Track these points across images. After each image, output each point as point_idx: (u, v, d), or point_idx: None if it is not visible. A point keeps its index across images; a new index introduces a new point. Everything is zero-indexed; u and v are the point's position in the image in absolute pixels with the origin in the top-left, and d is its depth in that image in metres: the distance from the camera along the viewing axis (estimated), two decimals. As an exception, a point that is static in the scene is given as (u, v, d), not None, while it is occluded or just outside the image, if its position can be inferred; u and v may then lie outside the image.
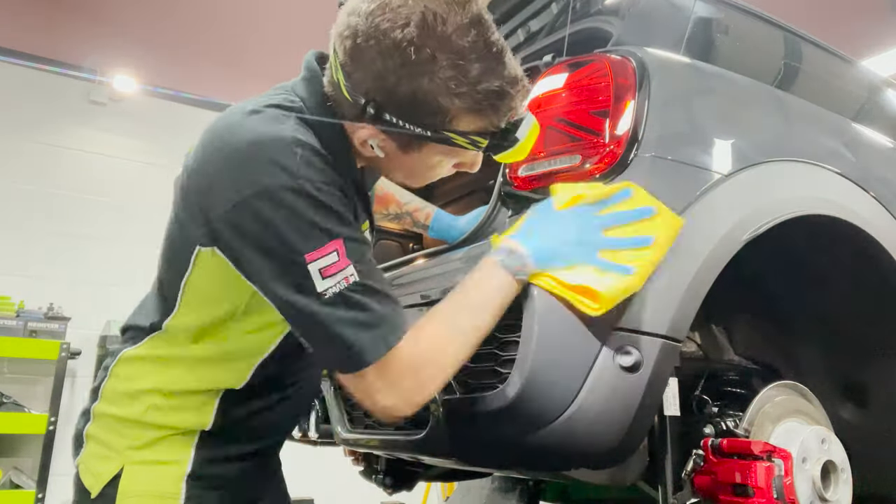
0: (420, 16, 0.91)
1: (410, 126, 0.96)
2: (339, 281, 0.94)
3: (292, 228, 0.94)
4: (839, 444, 1.44)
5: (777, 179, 1.42)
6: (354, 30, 0.94)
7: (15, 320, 3.99)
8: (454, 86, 0.93)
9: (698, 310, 1.20)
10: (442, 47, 0.92)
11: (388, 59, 0.92)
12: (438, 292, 1.32)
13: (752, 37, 1.90)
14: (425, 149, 1.02)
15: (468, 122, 0.98)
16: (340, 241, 0.95)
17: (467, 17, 0.93)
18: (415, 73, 0.92)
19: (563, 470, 1.31)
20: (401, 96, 0.94)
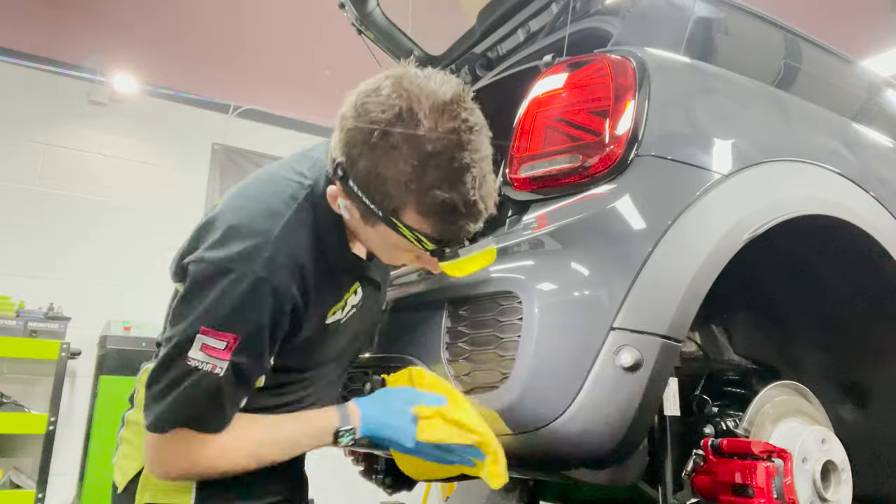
0: (401, 109, 0.99)
1: (365, 199, 1.03)
2: (206, 362, 1.03)
3: (214, 301, 1.03)
4: (839, 444, 1.44)
5: (777, 179, 1.42)
6: (350, 103, 1.03)
7: (15, 320, 3.99)
8: (408, 181, 0.99)
9: (698, 310, 1.20)
10: (409, 143, 0.98)
11: (361, 133, 1.00)
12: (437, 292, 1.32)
13: (752, 37, 1.90)
14: (380, 228, 1.07)
15: (414, 219, 1.03)
16: (237, 340, 1.04)
17: (446, 127, 0.99)
18: (378, 155, 0.99)
19: (563, 470, 1.31)
20: (361, 169, 1.01)
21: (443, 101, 1.00)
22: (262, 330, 1.06)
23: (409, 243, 1.06)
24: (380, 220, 1.04)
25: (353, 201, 1.06)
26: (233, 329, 1.04)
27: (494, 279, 1.21)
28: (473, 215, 1.04)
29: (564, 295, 1.14)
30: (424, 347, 1.29)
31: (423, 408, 1.15)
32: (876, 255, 1.52)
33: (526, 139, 1.36)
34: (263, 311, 1.05)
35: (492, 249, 1.13)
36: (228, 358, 1.04)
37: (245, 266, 1.04)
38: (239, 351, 1.04)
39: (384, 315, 1.46)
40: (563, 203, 1.26)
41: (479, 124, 1.04)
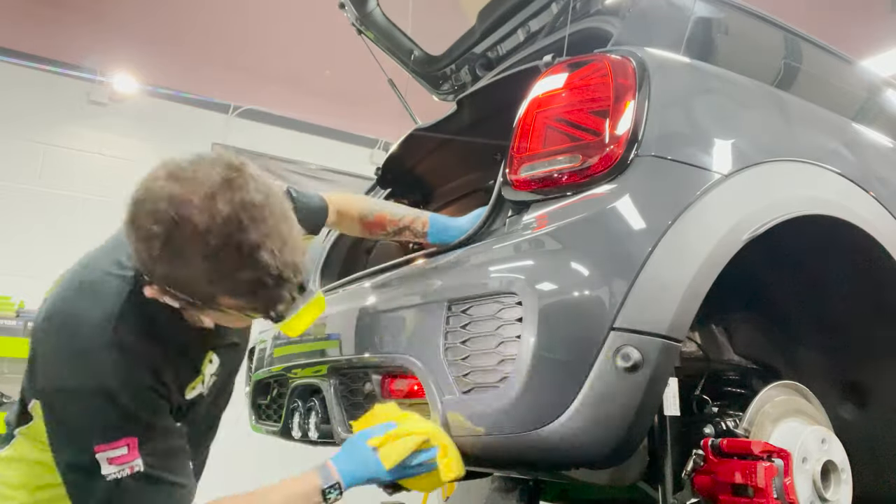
0: (172, 217, 0.95)
1: (180, 296, 1.02)
2: (122, 469, 1.05)
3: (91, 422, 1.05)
4: (839, 444, 1.44)
5: (777, 179, 1.41)
6: (127, 215, 1.00)
7: (15, 320, 3.99)
8: (207, 279, 0.99)
9: (698, 310, 1.20)
10: (192, 246, 0.96)
11: (145, 247, 0.98)
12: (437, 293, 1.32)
13: (752, 37, 1.90)
14: (208, 312, 1.08)
15: (232, 303, 1.04)
16: (134, 439, 1.06)
17: (223, 216, 0.96)
18: (168, 263, 0.99)
19: (563, 470, 1.31)
20: (160, 276, 1.01)
21: (212, 190, 0.97)
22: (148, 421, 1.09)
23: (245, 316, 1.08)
24: (203, 307, 1.05)
25: (170, 298, 1.05)
26: (124, 433, 1.06)
27: (494, 279, 1.21)
28: (283, 283, 1.03)
29: (564, 295, 1.14)
30: (424, 347, 1.28)
31: (374, 439, 1.23)
32: (876, 255, 1.52)
33: (526, 139, 1.36)
34: (137, 408, 1.08)
35: (320, 298, 1.13)
36: (139, 456, 1.06)
37: (94, 381, 1.05)
38: (143, 444, 1.07)
39: (384, 315, 1.46)
40: (563, 203, 1.26)
41: (258, 196, 1.00)
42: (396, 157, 2.44)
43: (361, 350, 1.49)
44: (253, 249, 0.98)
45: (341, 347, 1.58)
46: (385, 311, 1.45)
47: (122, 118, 5.19)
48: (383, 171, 2.50)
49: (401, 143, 2.37)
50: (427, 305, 1.32)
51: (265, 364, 2.04)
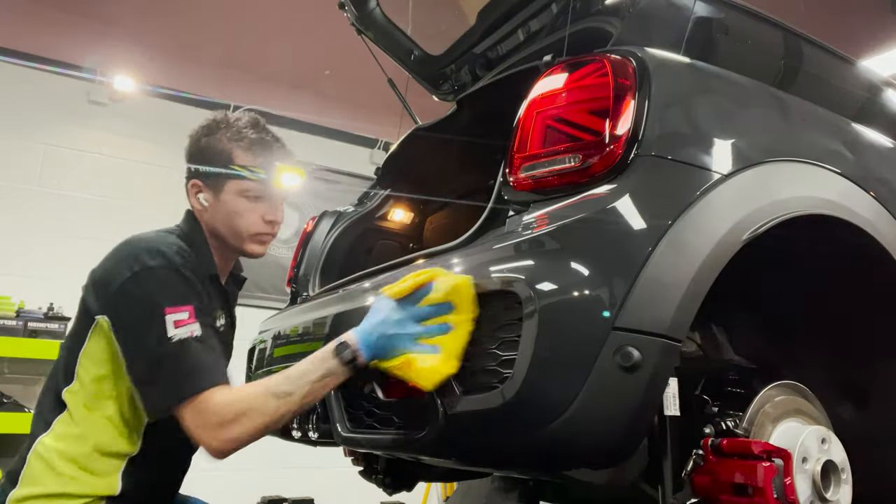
0: (211, 120, 1.62)
1: (209, 167, 1.53)
2: (185, 330, 1.32)
3: (161, 290, 1.36)
4: (839, 444, 1.44)
5: (777, 179, 1.42)
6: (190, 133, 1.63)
7: (15, 320, 3.99)
8: (229, 139, 1.56)
9: (698, 310, 1.20)
10: (222, 128, 1.58)
11: (195, 137, 1.61)
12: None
13: (752, 37, 1.90)
14: (230, 188, 1.54)
15: (243, 157, 1.54)
16: (192, 307, 1.37)
17: (240, 121, 1.60)
18: (208, 139, 1.58)
19: (563, 470, 1.31)
20: (200, 151, 1.58)
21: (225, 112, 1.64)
22: (199, 303, 1.39)
23: (247, 195, 1.53)
24: (222, 177, 1.53)
25: (205, 184, 1.55)
26: (185, 301, 1.36)
27: (494, 279, 1.21)
28: (275, 142, 1.59)
29: (564, 295, 1.14)
30: (424, 347, 1.28)
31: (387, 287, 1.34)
32: (876, 255, 1.52)
33: (526, 139, 1.36)
34: (189, 283, 1.40)
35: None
36: (196, 322, 1.35)
37: (160, 258, 1.39)
38: (198, 314, 1.36)
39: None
40: (563, 203, 1.26)
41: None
42: (396, 157, 2.44)
43: (361, 350, 1.48)
44: (251, 124, 1.59)
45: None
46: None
47: (122, 118, 5.19)
48: (383, 171, 2.50)
49: (401, 143, 2.38)
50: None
51: (265, 364, 2.04)
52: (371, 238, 2.61)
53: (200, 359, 1.32)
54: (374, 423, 1.47)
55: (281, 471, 4.76)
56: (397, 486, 2.22)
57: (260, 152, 1.55)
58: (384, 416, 1.44)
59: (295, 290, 2.51)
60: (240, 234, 1.56)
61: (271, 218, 1.57)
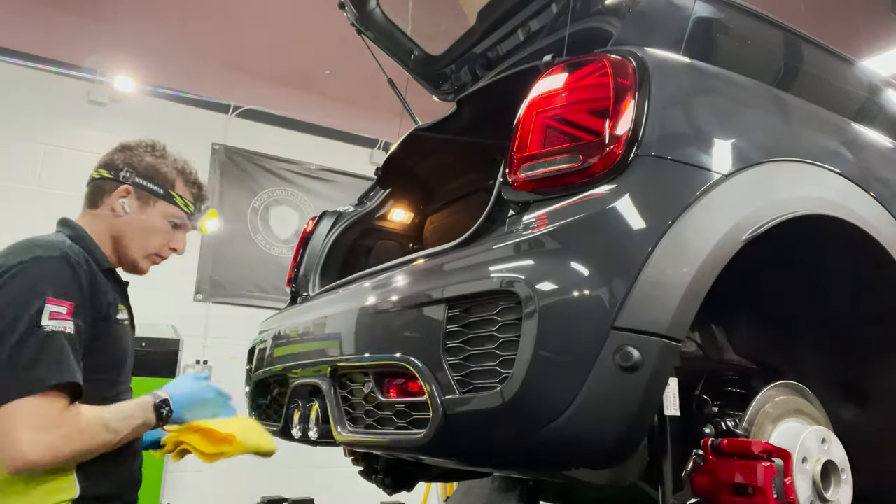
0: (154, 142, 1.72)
1: (149, 185, 1.62)
2: (57, 325, 1.32)
3: (49, 280, 1.35)
4: (839, 444, 1.44)
5: (777, 179, 1.42)
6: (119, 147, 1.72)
7: (15, 320, 3.98)
8: (176, 166, 1.67)
9: (698, 310, 1.20)
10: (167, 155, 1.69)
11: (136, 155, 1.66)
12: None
13: (752, 37, 1.90)
14: (160, 208, 1.63)
15: (182, 188, 1.67)
16: (73, 305, 1.36)
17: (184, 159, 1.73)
18: (155, 156, 1.66)
19: (563, 470, 1.31)
20: (144, 168, 1.63)
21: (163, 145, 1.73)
22: (84, 300, 1.39)
23: (171, 221, 1.63)
24: (160, 197, 1.62)
25: (137, 189, 1.60)
26: (68, 297, 1.36)
27: (495, 279, 1.21)
28: (202, 183, 1.74)
29: (564, 295, 1.14)
30: (424, 347, 1.29)
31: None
32: (876, 255, 1.52)
33: (526, 139, 1.36)
34: (79, 282, 1.39)
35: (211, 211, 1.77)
36: (71, 319, 1.34)
37: (52, 251, 1.39)
38: (75, 314, 1.36)
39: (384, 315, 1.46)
40: (563, 203, 1.26)
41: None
42: (396, 157, 2.44)
43: (361, 350, 1.49)
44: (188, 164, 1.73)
45: (341, 347, 1.58)
46: (385, 311, 1.46)
47: (122, 118, 5.19)
48: (383, 171, 2.50)
49: (401, 143, 2.38)
50: (427, 305, 1.32)
51: (265, 364, 2.04)
52: (371, 238, 2.61)
53: (64, 355, 1.31)
54: (374, 423, 1.47)
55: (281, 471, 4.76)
56: (397, 486, 2.23)
57: (197, 192, 1.71)
58: (384, 416, 1.44)
59: (295, 290, 2.51)
60: (143, 249, 1.63)
61: (175, 246, 1.68)
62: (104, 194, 1.61)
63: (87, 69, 5.02)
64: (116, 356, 1.51)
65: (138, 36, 4.88)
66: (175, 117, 5.38)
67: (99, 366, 1.44)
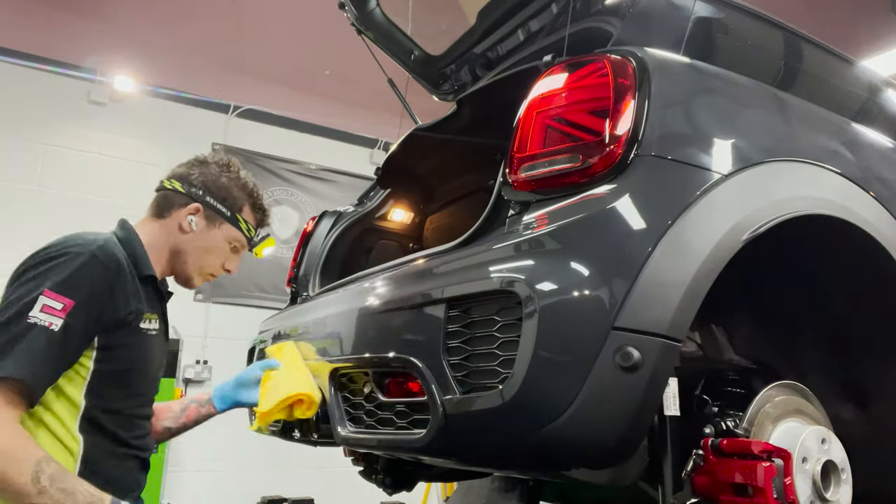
0: (230, 162, 1.70)
1: (219, 206, 1.61)
2: (45, 319, 1.27)
3: (57, 272, 1.31)
4: (839, 444, 1.44)
5: (777, 179, 1.42)
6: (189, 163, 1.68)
7: (15, 320, 3.98)
8: (244, 189, 1.67)
9: (698, 310, 1.20)
10: (242, 178, 1.69)
11: (216, 170, 1.65)
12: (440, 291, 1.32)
13: (752, 37, 1.90)
14: (224, 231, 1.63)
15: (248, 214, 1.67)
16: (74, 304, 1.30)
17: (255, 184, 1.72)
18: (230, 177, 1.66)
19: (563, 470, 1.31)
20: (214, 188, 1.63)
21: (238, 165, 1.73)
22: (92, 302, 1.33)
23: (230, 243, 1.64)
24: (226, 220, 1.62)
25: (206, 209, 1.60)
26: (70, 294, 1.30)
27: (495, 279, 1.21)
28: (268, 210, 1.74)
29: (564, 295, 1.14)
30: (425, 347, 1.29)
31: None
32: (876, 255, 1.52)
33: (526, 139, 1.36)
34: (94, 282, 1.34)
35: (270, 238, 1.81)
36: (63, 318, 1.28)
37: (81, 247, 1.36)
38: (72, 314, 1.29)
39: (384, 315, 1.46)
40: (563, 203, 1.26)
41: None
42: (396, 157, 2.44)
43: (362, 350, 1.49)
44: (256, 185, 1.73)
45: (341, 347, 1.58)
46: (385, 311, 1.46)
47: (122, 118, 5.20)
48: (383, 171, 2.50)
49: (401, 143, 2.38)
50: (427, 305, 1.32)
51: (265, 364, 2.04)
52: (371, 238, 2.62)
53: (35, 352, 1.25)
54: (374, 423, 1.47)
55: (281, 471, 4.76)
56: (397, 486, 2.23)
57: (261, 219, 1.72)
58: (384, 416, 1.44)
59: (295, 290, 2.51)
60: (199, 267, 1.62)
61: (229, 268, 1.68)
62: (173, 207, 1.59)
63: (87, 69, 5.02)
64: (132, 367, 1.44)
65: (138, 36, 4.89)
66: (175, 117, 5.38)
67: (110, 374, 1.38)
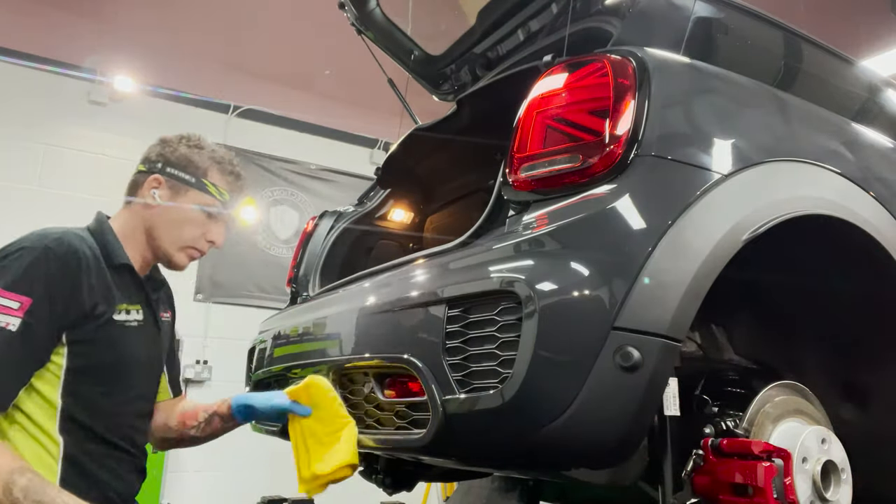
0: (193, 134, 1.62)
1: (182, 174, 1.54)
2: (2, 321, 1.22)
3: (12, 271, 1.26)
4: (839, 444, 1.44)
5: (777, 179, 1.42)
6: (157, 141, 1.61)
7: (15, 320, 3.98)
8: (210, 156, 1.58)
9: (698, 310, 1.20)
10: (204, 145, 1.60)
11: (169, 146, 1.58)
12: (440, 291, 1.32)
13: (752, 37, 1.90)
14: (191, 197, 1.54)
15: (217, 177, 1.57)
16: (30, 303, 1.25)
17: (222, 150, 1.64)
18: (190, 146, 1.58)
19: (563, 470, 1.31)
20: (176, 160, 1.55)
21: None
22: (52, 298, 1.27)
23: (203, 210, 1.54)
24: (192, 186, 1.54)
25: (168, 179, 1.53)
26: (25, 291, 1.25)
27: (494, 279, 1.21)
28: (243, 179, 1.64)
29: (564, 295, 1.14)
30: (424, 347, 1.29)
31: None
32: (876, 255, 1.52)
33: (526, 139, 1.36)
34: (51, 276, 1.29)
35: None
36: (21, 317, 1.23)
37: (34, 242, 1.31)
38: (30, 313, 1.24)
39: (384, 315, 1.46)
40: (563, 203, 1.26)
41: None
42: (396, 157, 2.44)
43: (361, 350, 1.49)
44: (233, 156, 1.65)
45: (341, 347, 1.58)
46: (385, 311, 1.46)
47: (122, 118, 5.19)
48: (383, 171, 2.50)
49: (401, 143, 2.38)
50: (427, 305, 1.32)
51: (265, 364, 2.04)
52: (371, 238, 2.61)
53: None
54: (375, 423, 1.47)
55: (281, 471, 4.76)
56: (397, 486, 2.22)
57: (233, 182, 1.61)
58: (384, 416, 1.44)
59: (295, 290, 2.51)
60: (176, 241, 1.54)
61: (212, 238, 1.58)
62: (138, 188, 1.54)
63: (87, 69, 5.01)
64: (111, 360, 1.39)
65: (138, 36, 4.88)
66: (175, 117, 5.38)
67: (84, 370, 1.34)
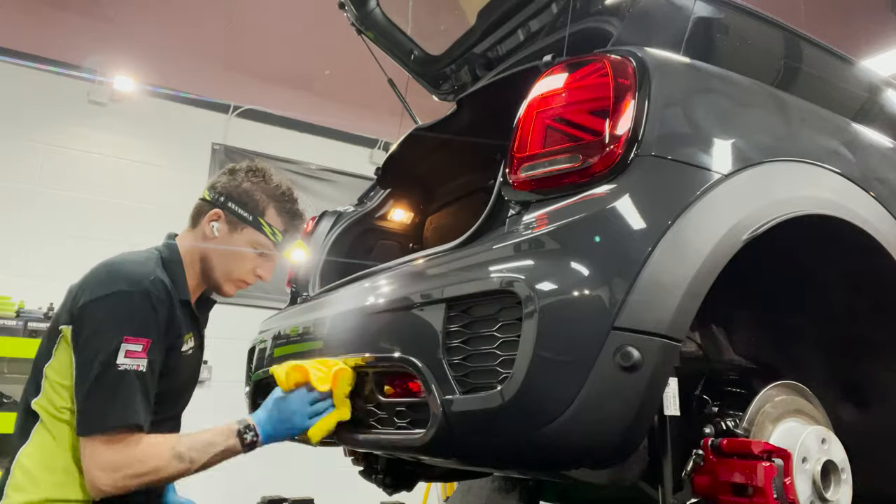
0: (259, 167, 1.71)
1: (240, 210, 1.63)
2: (133, 363, 1.38)
3: (127, 317, 1.40)
4: (839, 444, 1.44)
5: (777, 179, 1.42)
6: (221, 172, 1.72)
7: (15, 320, 3.99)
8: (270, 193, 1.67)
9: (698, 310, 1.20)
10: (268, 181, 1.68)
11: (231, 178, 1.67)
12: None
13: (752, 37, 1.90)
14: (246, 235, 1.63)
15: (273, 218, 1.66)
16: (149, 341, 1.41)
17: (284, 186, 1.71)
18: (253, 182, 1.66)
19: (564, 470, 1.31)
20: (235, 194, 1.65)
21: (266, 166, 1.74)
22: (160, 336, 1.44)
23: (255, 248, 1.64)
24: (249, 224, 1.63)
25: (227, 214, 1.63)
26: (144, 334, 1.41)
27: (495, 279, 1.21)
28: (301, 219, 1.72)
29: (564, 295, 1.14)
30: (424, 347, 1.29)
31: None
32: (876, 255, 1.52)
33: (526, 139, 1.36)
34: (158, 317, 1.44)
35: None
36: (145, 357, 1.40)
37: (135, 286, 1.43)
38: (150, 351, 1.41)
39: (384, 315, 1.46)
40: (563, 203, 1.26)
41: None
42: (396, 157, 2.44)
43: (361, 350, 1.49)
44: (287, 192, 1.71)
45: (341, 347, 1.58)
46: (385, 311, 1.46)
47: (122, 118, 5.20)
48: (383, 171, 2.50)
49: (401, 143, 2.38)
50: (427, 305, 1.32)
51: (265, 364, 2.04)
52: (371, 238, 2.61)
53: (134, 395, 1.37)
54: (374, 423, 1.47)
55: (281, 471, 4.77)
56: (397, 486, 2.23)
57: (288, 223, 1.69)
58: (384, 416, 1.44)
59: (295, 291, 2.51)
60: (227, 274, 1.65)
61: (261, 273, 1.69)
62: (201, 216, 1.65)
63: (87, 69, 5.02)
64: (170, 386, 1.54)
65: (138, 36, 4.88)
66: (175, 117, 5.38)
67: (165, 388, 1.50)
